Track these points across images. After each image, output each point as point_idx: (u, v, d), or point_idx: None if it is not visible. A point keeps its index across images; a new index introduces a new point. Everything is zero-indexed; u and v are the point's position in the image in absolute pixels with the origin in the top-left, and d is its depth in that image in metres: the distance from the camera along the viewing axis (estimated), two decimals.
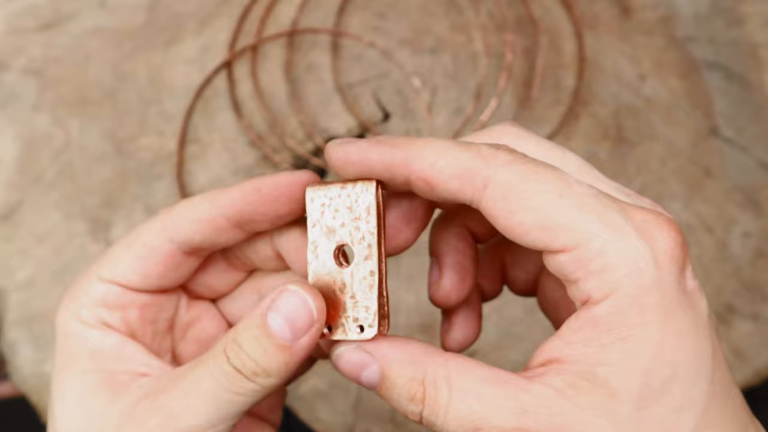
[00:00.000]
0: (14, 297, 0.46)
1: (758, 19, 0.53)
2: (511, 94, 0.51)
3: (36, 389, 0.45)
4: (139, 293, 0.26)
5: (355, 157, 0.24)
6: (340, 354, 0.24)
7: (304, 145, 0.50)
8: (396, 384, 0.23)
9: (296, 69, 0.51)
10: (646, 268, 0.21)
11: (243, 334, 0.23)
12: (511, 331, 0.32)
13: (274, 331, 0.23)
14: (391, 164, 0.23)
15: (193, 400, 0.23)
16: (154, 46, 0.52)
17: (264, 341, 0.23)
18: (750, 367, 0.45)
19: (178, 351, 0.29)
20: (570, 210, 0.22)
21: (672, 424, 0.21)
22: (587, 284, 0.22)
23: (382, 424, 0.44)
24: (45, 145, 0.50)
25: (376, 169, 0.23)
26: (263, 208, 0.25)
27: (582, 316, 0.22)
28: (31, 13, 0.53)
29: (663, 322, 0.21)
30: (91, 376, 0.25)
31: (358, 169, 0.24)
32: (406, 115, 0.50)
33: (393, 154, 0.23)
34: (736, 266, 0.47)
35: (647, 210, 0.22)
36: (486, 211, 0.23)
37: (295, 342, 0.23)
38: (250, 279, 0.29)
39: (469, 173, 0.22)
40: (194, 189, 0.48)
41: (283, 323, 0.23)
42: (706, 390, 0.21)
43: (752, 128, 0.50)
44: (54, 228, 0.48)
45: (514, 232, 0.22)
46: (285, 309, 0.23)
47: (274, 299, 0.23)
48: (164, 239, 0.26)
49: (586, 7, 0.54)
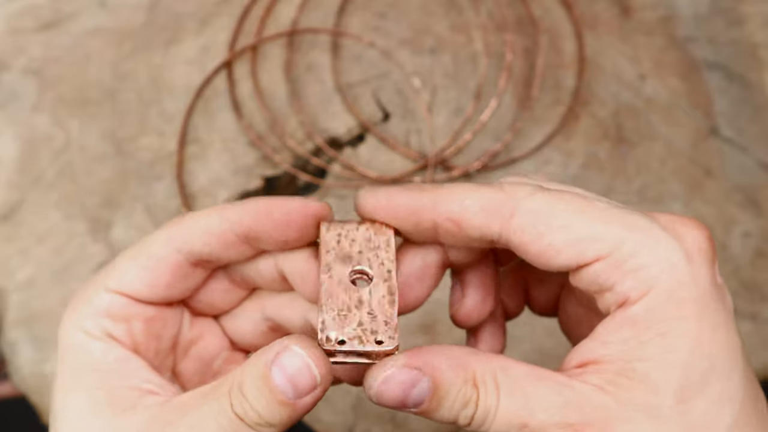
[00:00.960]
0: (14, 297, 0.46)
1: (758, 19, 0.53)
2: (511, 94, 0.51)
3: (36, 389, 0.45)
4: (144, 305, 0.26)
5: (384, 203, 0.24)
6: (387, 377, 0.22)
7: (304, 145, 0.50)
8: (450, 392, 0.22)
9: (296, 69, 0.51)
10: (679, 263, 0.22)
11: (247, 383, 0.23)
12: (512, 333, 0.32)
13: (277, 387, 0.22)
14: (419, 208, 0.24)
15: None
16: (154, 46, 0.52)
17: (267, 395, 0.22)
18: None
19: (179, 368, 0.28)
20: (597, 222, 0.22)
21: (713, 416, 0.21)
22: (624, 286, 0.22)
23: (382, 424, 0.44)
24: (45, 145, 0.50)
25: (404, 213, 0.24)
26: (273, 231, 0.25)
27: (618, 317, 0.22)
28: (31, 13, 0.53)
29: (699, 315, 0.22)
30: (95, 393, 0.24)
31: (387, 214, 0.25)
32: (406, 115, 0.50)
33: (420, 197, 0.24)
34: (736, 266, 0.47)
35: (670, 213, 0.23)
36: (515, 241, 0.23)
37: (298, 400, 0.22)
38: (253, 297, 0.29)
39: (495, 206, 0.23)
40: (194, 189, 0.48)
41: (286, 382, 0.22)
42: (741, 384, 0.22)
43: (752, 128, 0.50)
44: (54, 228, 0.48)
45: (546, 256, 0.23)
46: (289, 369, 0.22)
47: (279, 353, 0.22)
48: (171, 249, 0.25)
49: (586, 7, 0.54)
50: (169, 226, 0.26)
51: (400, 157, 0.49)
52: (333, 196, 0.49)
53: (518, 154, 0.49)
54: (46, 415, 0.44)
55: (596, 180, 0.49)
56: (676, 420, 0.21)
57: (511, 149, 0.50)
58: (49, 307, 0.46)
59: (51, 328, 0.46)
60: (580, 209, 0.23)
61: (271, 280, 0.27)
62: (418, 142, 0.50)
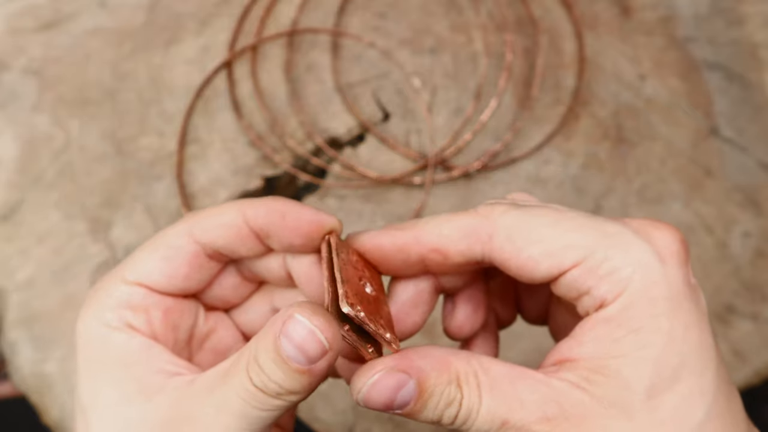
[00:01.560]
0: (14, 297, 0.46)
1: (758, 19, 0.53)
2: (511, 94, 0.51)
3: (36, 389, 0.45)
4: (163, 296, 0.27)
5: (369, 246, 0.26)
6: (375, 381, 0.23)
7: (304, 145, 0.50)
8: (434, 393, 0.23)
9: (296, 69, 0.51)
10: (651, 264, 0.23)
11: (261, 356, 0.23)
12: (510, 330, 0.32)
13: (289, 357, 0.23)
14: (404, 245, 0.25)
15: (224, 418, 0.24)
16: (154, 46, 0.52)
17: (282, 365, 0.23)
18: (750, 367, 0.45)
19: (195, 361, 0.29)
20: (570, 231, 0.24)
21: (683, 411, 0.22)
22: (600, 289, 0.23)
23: (381, 424, 0.44)
24: (45, 145, 0.50)
25: (391, 253, 0.25)
26: (281, 232, 0.26)
27: (594, 318, 0.23)
28: (31, 13, 0.53)
29: (671, 313, 0.22)
30: (124, 384, 0.25)
31: (376, 257, 0.26)
32: (406, 115, 0.50)
33: (403, 236, 0.25)
34: (736, 266, 0.47)
35: (642, 218, 0.25)
36: (497, 258, 0.24)
37: (312, 365, 0.23)
38: (261, 290, 0.30)
39: (473, 230, 0.25)
40: (194, 189, 0.48)
41: (296, 350, 0.23)
42: (713, 381, 0.22)
43: (752, 128, 0.50)
44: (54, 228, 0.48)
45: (527, 268, 0.24)
46: (296, 337, 0.23)
47: (285, 322, 0.23)
48: (189, 240, 0.26)
49: (586, 7, 0.54)
50: (188, 218, 0.27)
51: (400, 157, 0.49)
52: (333, 196, 0.49)
53: (518, 154, 0.49)
54: (46, 415, 0.44)
55: (596, 180, 0.49)
56: (647, 415, 0.22)
57: (511, 149, 0.50)
58: (49, 307, 0.46)
59: (51, 328, 0.46)
60: (553, 221, 0.24)
61: (279, 277, 0.28)
62: (418, 142, 0.50)
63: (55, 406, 0.44)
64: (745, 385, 0.46)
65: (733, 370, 0.45)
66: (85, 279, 0.46)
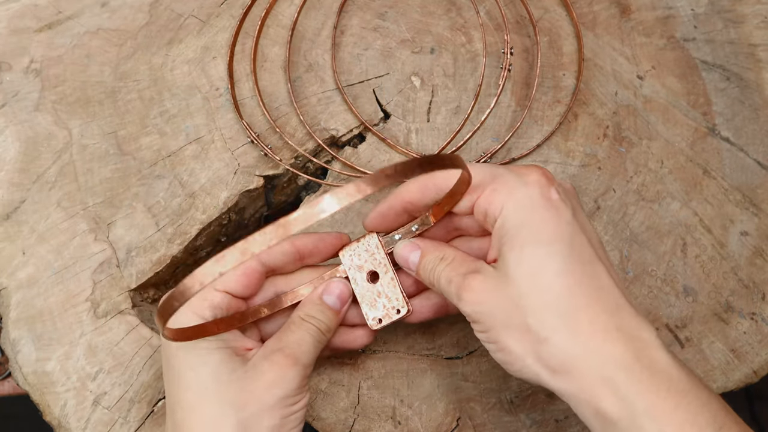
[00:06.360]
0: (16, 295, 0.46)
1: (756, 19, 0.53)
2: (510, 94, 0.51)
3: (37, 387, 0.45)
4: (237, 300, 0.40)
5: (376, 213, 0.41)
6: (402, 247, 0.40)
7: (304, 145, 0.50)
8: (429, 260, 0.38)
9: (296, 69, 0.52)
10: (518, 187, 0.36)
11: (312, 309, 0.40)
12: None
13: (331, 305, 0.40)
14: (392, 203, 0.40)
15: (306, 347, 0.38)
16: (154, 46, 0.52)
17: (326, 310, 0.40)
18: (748, 366, 0.45)
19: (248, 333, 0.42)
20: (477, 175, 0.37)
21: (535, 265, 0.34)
22: (491, 207, 0.36)
23: (381, 423, 0.44)
24: (46, 145, 0.50)
25: (387, 210, 0.40)
26: (318, 252, 0.41)
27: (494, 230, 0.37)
28: (32, 13, 0.53)
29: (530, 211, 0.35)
30: (221, 351, 0.37)
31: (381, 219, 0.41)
32: (406, 115, 0.50)
33: (391, 198, 0.40)
34: (735, 265, 0.47)
35: (526, 164, 0.38)
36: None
37: (342, 308, 0.41)
38: (268, 280, 0.42)
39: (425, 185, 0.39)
40: (195, 188, 0.49)
41: (336, 299, 0.40)
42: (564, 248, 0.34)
43: (750, 128, 0.51)
44: (55, 227, 0.48)
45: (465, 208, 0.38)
46: (336, 291, 0.40)
47: (326, 286, 0.41)
48: (258, 263, 0.40)
49: (586, 7, 0.54)
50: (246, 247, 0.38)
51: (400, 157, 0.49)
52: None
53: (518, 154, 0.50)
54: (47, 413, 0.45)
55: (595, 179, 0.49)
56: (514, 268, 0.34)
57: (510, 149, 0.50)
58: (51, 305, 0.46)
59: (52, 327, 0.46)
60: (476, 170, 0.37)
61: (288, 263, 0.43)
62: (418, 141, 0.50)
63: (56, 405, 0.44)
64: (742, 383, 0.46)
65: (731, 369, 0.46)
66: (87, 278, 0.47)
